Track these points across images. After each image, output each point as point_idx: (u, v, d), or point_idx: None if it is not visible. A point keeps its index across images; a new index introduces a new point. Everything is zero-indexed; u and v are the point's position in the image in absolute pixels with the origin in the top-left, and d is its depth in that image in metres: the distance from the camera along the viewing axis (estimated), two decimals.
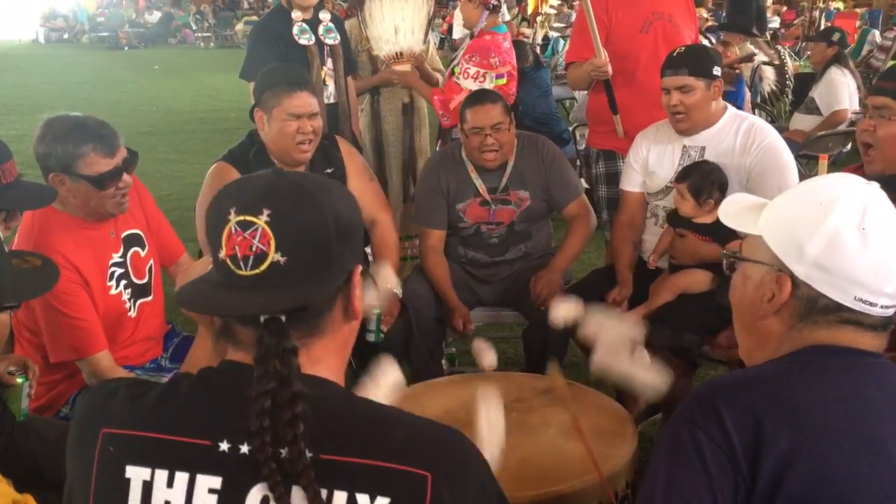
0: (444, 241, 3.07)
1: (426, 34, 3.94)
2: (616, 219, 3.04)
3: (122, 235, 2.32)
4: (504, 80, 3.73)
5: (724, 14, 9.20)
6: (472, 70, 3.55)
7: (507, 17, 5.57)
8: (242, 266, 0.98)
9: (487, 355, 2.26)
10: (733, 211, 1.29)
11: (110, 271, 2.26)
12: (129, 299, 2.33)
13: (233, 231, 0.98)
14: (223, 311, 1.05)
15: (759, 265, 1.20)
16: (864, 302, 1.13)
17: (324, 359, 1.04)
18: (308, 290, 0.99)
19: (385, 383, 1.65)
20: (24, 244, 2.14)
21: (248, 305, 0.99)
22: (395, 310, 2.79)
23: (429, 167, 3.17)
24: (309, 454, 0.93)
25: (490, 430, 1.63)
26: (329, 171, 2.79)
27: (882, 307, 1.13)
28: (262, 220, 0.97)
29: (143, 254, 2.38)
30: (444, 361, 3.19)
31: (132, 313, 2.34)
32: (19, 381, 1.89)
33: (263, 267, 0.97)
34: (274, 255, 0.97)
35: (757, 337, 1.23)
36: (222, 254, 1.00)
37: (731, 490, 1.04)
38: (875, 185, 1.17)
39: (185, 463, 0.97)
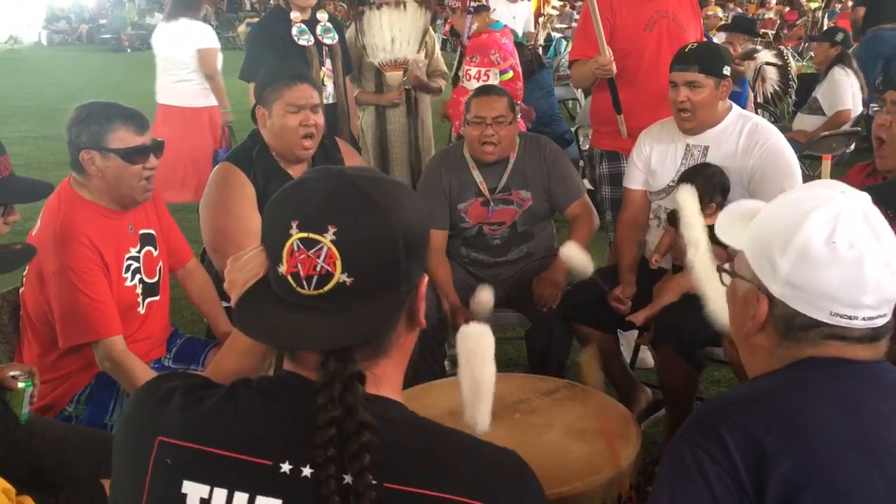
0: (447, 241, 3.06)
1: (420, 45, 3.99)
2: (619, 217, 3.03)
3: (140, 233, 2.36)
4: (510, 75, 3.75)
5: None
6: (474, 70, 3.56)
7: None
8: (305, 285, 0.94)
9: (484, 295, 2.25)
10: (727, 222, 1.26)
11: (126, 264, 2.30)
12: (141, 295, 2.35)
13: (295, 248, 0.93)
14: (289, 344, 0.99)
15: (743, 282, 1.18)
16: (842, 316, 1.09)
17: (389, 376, 1.02)
18: (376, 315, 0.95)
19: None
20: (48, 227, 2.18)
21: (314, 339, 0.95)
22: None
23: (430, 167, 3.17)
24: (374, 481, 0.90)
25: (477, 388, 1.59)
26: None
27: (865, 319, 1.09)
28: (327, 239, 0.92)
29: (155, 254, 2.41)
30: (446, 362, 3.19)
31: (141, 309, 2.36)
32: (21, 385, 1.88)
33: (328, 287, 0.93)
34: (340, 276, 0.93)
35: (749, 350, 1.22)
36: (283, 269, 0.95)
37: None
38: (856, 195, 1.13)
39: (245, 483, 0.94)
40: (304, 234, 0.93)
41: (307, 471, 0.92)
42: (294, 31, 3.53)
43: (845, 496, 1.01)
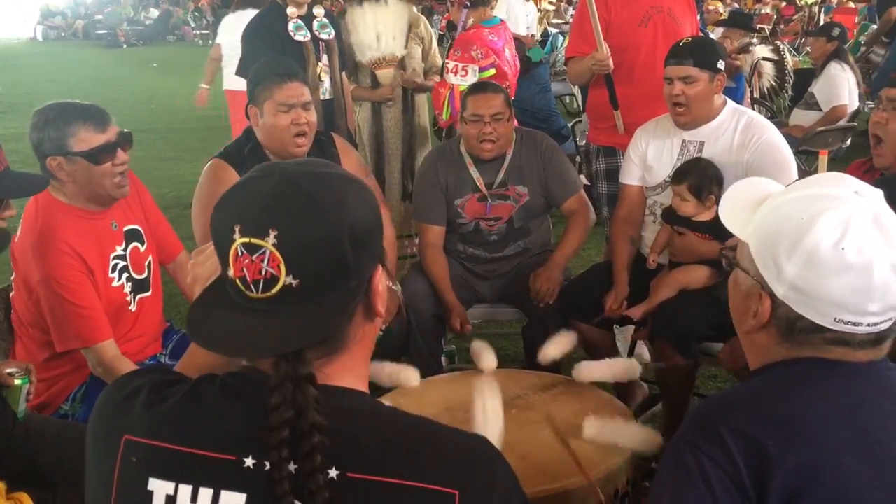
0: (444, 237, 3.06)
1: (406, 39, 3.98)
2: (614, 214, 3.03)
3: (125, 229, 2.34)
4: (492, 73, 3.72)
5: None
6: (452, 64, 3.55)
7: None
8: (253, 289, 0.94)
9: (486, 357, 2.25)
10: (731, 206, 1.22)
11: (112, 263, 2.28)
12: (130, 293, 2.33)
13: (239, 253, 0.94)
14: (240, 353, 1.00)
15: (746, 275, 1.16)
16: (847, 322, 1.07)
17: (351, 368, 1.01)
18: (327, 315, 0.95)
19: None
20: (28, 234, 2.15)
21: (261, 347, 0.95)
22: (394, 307, 2.78)
23: (427, 163, 3.16)
24: (336, 472, 0.91)
25: (487, 422, 1.62)
26: None
27: (869, 325, 1.08)
28: (269, 243, 0.92)
29: (142, 249, 2.39)
30: (443, 358, 3.19)
31: (132, 307, 2.34)
32: (18, 382, 1.88)
33: (275, 290, 0.93)
34: (286, 279, 0.92)
35: (749, 344, 1.20)
36: (231, 272, 0.95)
37: None
38: (869, 194, 1.10)
39: (209, 478, 0.94)
40: (246, 240, 0.93)
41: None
42: (290, 26, 3.52)
43: (845, 498, 1.00)
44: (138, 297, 2.37)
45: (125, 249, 2.32)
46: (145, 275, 2.40)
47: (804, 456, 1.01)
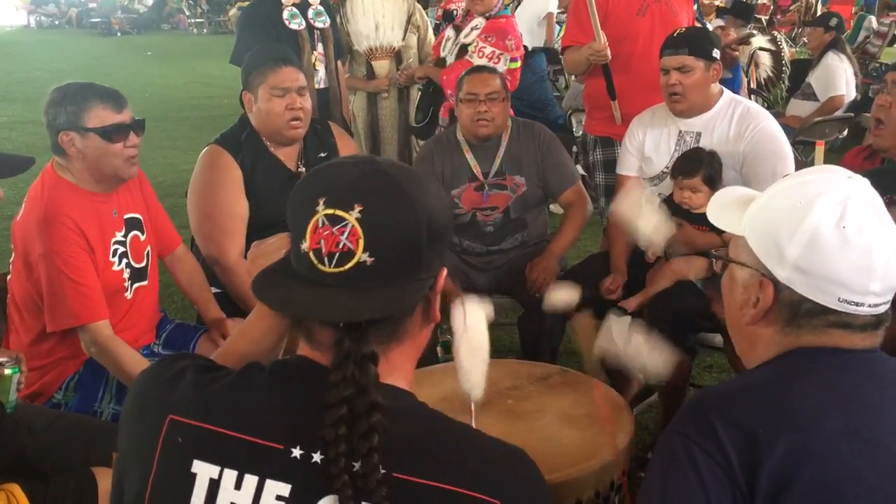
0: None
1: (405, 31, 3.96)
2: (612, 204, 3.02)
3: (125, 217, 2.33)
4: (518, 64, 3.74)
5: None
6: (488, 50, 3.55)
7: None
8: (326, 262, 0.93)
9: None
10: (718, 207, 1.24)
11: (113, 248, 2.27)
12: (128, 280, 2.33)
13: (320, 224, 0.93)
14: (307, 313, 0.99)
15: (743, 268, 1.16)
16: (850, 303, 1.08)
17: (401, 366, 1.01)
18: (395, 297, 0.95)
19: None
20: (32, 211, 2.16)
21: (332, 309, 0.94)
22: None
23: (423, 152, 3.15)
24: (382, 470, 0.90)
25: (472, 353, 1.59)
26: (322, 154, 2.76)
27: (870, 306, 1.08)
28: (352, 217, 0.92)
29: (142, 238, 2.39)
30: (438, 349, 3.18)
31: (128, 294, 2.34)
32: (8, 372, 1.86)
33: (349, 266, 0.93)
34: (361, 255, 0.92)
35: (748, 340, 1.20)
36: (305, 245, 0.95)
37: (729, 502, 1.02)
38: (860, 180, 1.12)
39: (255, 466, 0.93)
40: (331, 211, 0.93)
41: (317, 457, 0.92)
42: (285, 14, 3.50)
43: (836, 486, 1.00)
44: (136, 285, 2.36)
45: (125, 237, 2.32)
46: (144, 264, 2.39)
47: (794, 443, 1.01)
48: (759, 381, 1.13)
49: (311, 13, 3.58)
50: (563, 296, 2.22)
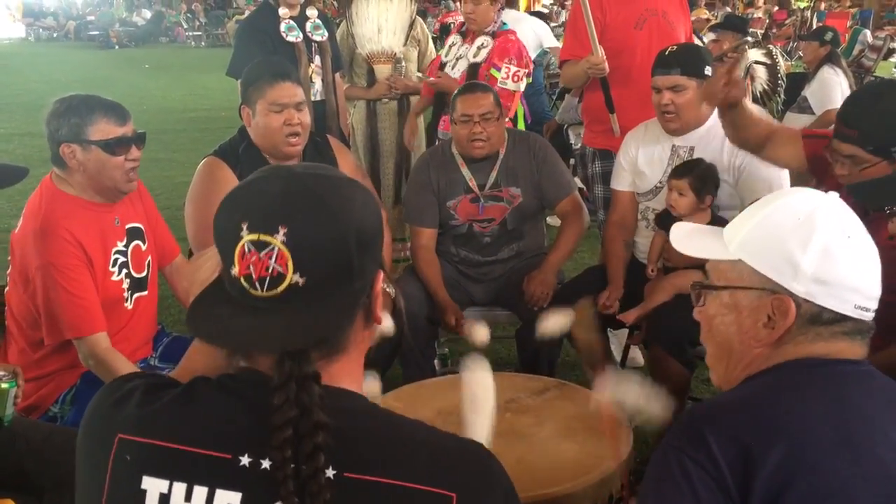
0: (436, 239, 3.05)
1: (407, 37, 3.98)
2: (607, 218, 3.03)
3: (126, 227, 2.34)
4: (530, 80, 3.80)
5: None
6: (513, 71, 3.59)
7: None
8: (258, 287, 0.93)
9: (480, 331, 2.22)
10: (685, 239, 1.28)
11: (114, 258, 2.27)
12: (128, 290, 2.33)
13: (246, 250, 0.93)
14: (243, 346, 0.99)
15: (747, 291, 1.16)
16: (862, 308, 1.12)
17: (349, 371, 1.01)
18: (331, 314, 0.95)
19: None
20: (30, 223, 2.15)
21: (268, 339, 0.94)
22: (388, 308, 2.76)
23: (419, 165, 3.15)
24: (333, 471, 0.90)
25: (478, 410, 1.58)
26: None
27: (874, 311, 1.13)
28: (277, 240, 0.92)
29: (143, 248, 2.39)
30: (436, 361, 3.17)
31: (128, 304, 2.33)
32: (5, 385, 1.85)
33: (281, 289, 0.93)
34: (293, 277, 0.92)
35: (744, 361, 1.19)
36: (235, 271, 0.95)
37: None
38: (831, 193, 1.18)
39: (204, 476, 0.93)
40: (255, 236, 0.93)
41: (266, 463, 0.92)
42: (282, 27, 3.51)
43: (828, 496, 1.01)
44: (135, 295, 2.36)
45: (126, 246, 2.32)
46: (144, 273, 2.39)
47: (787, 453, 1.02)
48: (752, 393, 1.14)
49: (308, 26, 3.59)
50: (554, 323, 2.21)
